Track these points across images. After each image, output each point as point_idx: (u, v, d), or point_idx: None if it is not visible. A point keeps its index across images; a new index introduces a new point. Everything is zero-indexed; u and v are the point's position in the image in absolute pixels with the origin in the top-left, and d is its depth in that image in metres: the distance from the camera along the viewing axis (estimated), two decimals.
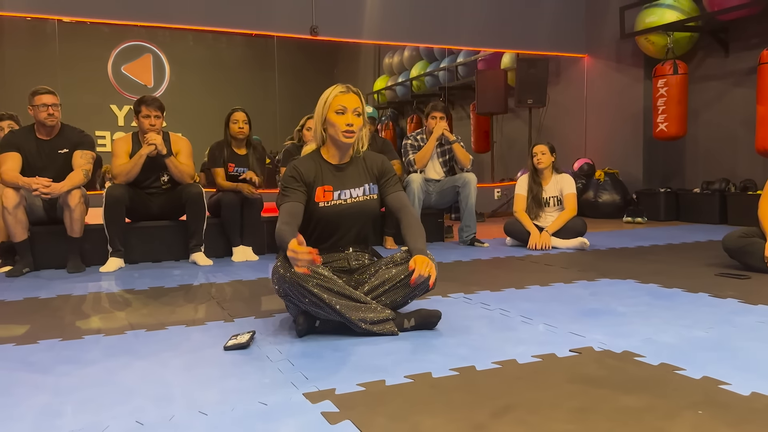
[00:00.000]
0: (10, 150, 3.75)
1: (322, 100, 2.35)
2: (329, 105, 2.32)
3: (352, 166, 2.42)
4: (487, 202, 7.45)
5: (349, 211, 2.37)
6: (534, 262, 3.90)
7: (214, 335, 2.27)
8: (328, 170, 2.38)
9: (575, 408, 1.51)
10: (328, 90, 2.35)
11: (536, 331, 2.23)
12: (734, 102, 6.27)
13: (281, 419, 1.48)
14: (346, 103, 2.31)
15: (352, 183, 2.40)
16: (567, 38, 7.64)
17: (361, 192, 2.40)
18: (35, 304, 2.90)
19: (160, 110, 4.00)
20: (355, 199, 2.39)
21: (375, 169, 2.45)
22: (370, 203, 2.42)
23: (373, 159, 2.47)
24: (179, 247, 4.25)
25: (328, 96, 2.33)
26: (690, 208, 6.40)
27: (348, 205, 2.37)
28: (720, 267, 3.50)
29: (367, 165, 2.45)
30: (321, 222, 2.36)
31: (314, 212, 2.35)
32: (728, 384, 1.65)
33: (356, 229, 2.42)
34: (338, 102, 2.31)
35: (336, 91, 2.33)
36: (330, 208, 2.35)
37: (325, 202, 2.35)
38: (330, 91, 2.34)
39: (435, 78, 9.67)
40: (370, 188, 2.43)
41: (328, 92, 2.34)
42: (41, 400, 1.64)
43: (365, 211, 2.41)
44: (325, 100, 2.34)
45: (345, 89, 2.33)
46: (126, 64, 8.99)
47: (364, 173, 2.43)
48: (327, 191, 2.35)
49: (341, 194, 2.37)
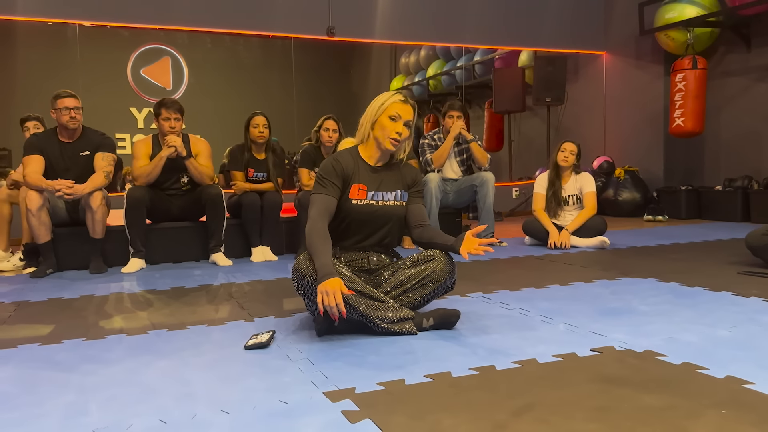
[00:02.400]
0: (33, 153, 3.82)
1: (379, 101, 2.36)
2: (385, 108, 2.33)
3: (388, 171, 2.43)
4: (505, 201, 7.42)
5: (379, 213, 2.38)
6: (553, 261, 3.88)
7: (234, 335, 2.29)
8: (365, 169, 2.39)
9: (596, 407, 1.50)
10: (387, 94, 2.37)
11: (556, 331, 2.22)
12: (757, 98, 6.18)
13: (302, 418, 1.49)
14: (401, 111, 2.33)
15: (386, 186, 2.41)
16: (585, 35, 7.58)
17: (393, 197, 2.42)
18: (59, 305, 2.95)
19: (180, 113, 4.04)
20: (387, 203, 2.40)
21: (409, 178, 2.47)
22: (399, 209, 2.43)
23: (409, 169, 2.50)
24: (199, 248, 4.29)
25: (386, 100, 2.35)
26: (712, 205, 6.32)
27: (379, 207, 2.38)
28: (743, 265, 3.45)
29: (402, 172, 2.47)
30: (349, 219, 2.37)
31: (345, 208, 2.35)
32: (752, 383, 1.62)
33: (382, 232, 2.42)
34: (395, 108, 2.33)
35: (395, 98, 2.35)
36: (361, 207, 2.36)
37: (359, 200, 2.36)
38: (389, 96, 2.36)
39: (452, 77, 9.64)
40: (401, 194, 2.44)
41: (387, 96, 2.36)
42: (66, 398, 1.67)
43: (394, 215, 2.42)
44: (382, 102, 2.35)
45: (404, 98, 2.36)
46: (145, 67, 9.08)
47: (399, 179, 2.45)
48: (362, 190, 2.36)
49: (374, 195, 2.38)
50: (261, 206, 4.28)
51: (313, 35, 6.49)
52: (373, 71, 11.08)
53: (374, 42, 7.13)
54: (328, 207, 2.29)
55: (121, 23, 5.94)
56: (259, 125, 4.36)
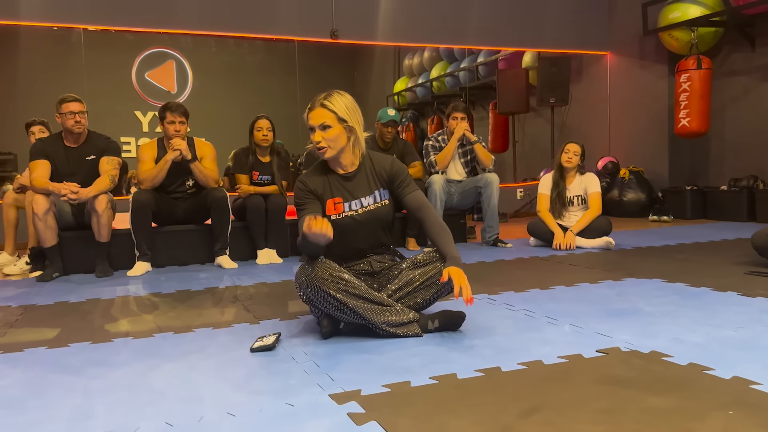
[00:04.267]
0: (39, 158, 3.84)
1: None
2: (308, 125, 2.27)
3: (359, 175, 2.35)
4: (509, 202, 7.42)
5: (362, 221, 2.32)
6: (558, 262, 3.87)
7: (240, 337, 2.30)
8: (336, 181, 2.33)
9: (602, 409, 1.49)
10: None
11: (562, 332, 2.21)
12: (762, 97, 6.16)
13: (308, 420, 1.49)
14: (312, 120, 2.24)
15: (361, 192, 2.34)
16: (589, 36, 7.57)
17: (372, 200, 2.34)
18: (65, 308, 2.96)
19: (185, 116, 4.06)
20: (367, 208, 2.33)
21: (384, 173, 2.37)
22: (382, 210, 2.36)
23: (381, 163, 2.39)
24: (204, 251, 4.30)
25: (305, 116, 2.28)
26: (717, 205, 6.30)
27: (360, 215, 2.32)
28: (749, 265, 3.44)
29: (376, 170, 2.37)
30: (335, 234, 2.25)
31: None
32: (759, 384, 1.62)
33: (372, 237, 2.37)
34: (307, 121, 2.26)
35: (307, 107, 2.26)
36: (342, 221, 2.30)
37: (337, 215, 2.30)
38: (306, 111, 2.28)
39: (455, 78, 9.64)
40: (380, 194, 2.36)
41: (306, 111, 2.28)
42: (73, 402, 1.68)
43: (378, 218, 2.35)
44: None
45: (311, 104, 2.25)
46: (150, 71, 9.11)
47: (373, 180, 2.36)
48: (337, 203, 2.30)
49: (351, 205, 2.32)
50: (266, 209, 4.29)
51: (317, 38, 6.50)
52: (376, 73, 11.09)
53: (377, 44, 7.14)
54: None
55: (125, 27, 5.96)
56: (262, 128, 4.37)
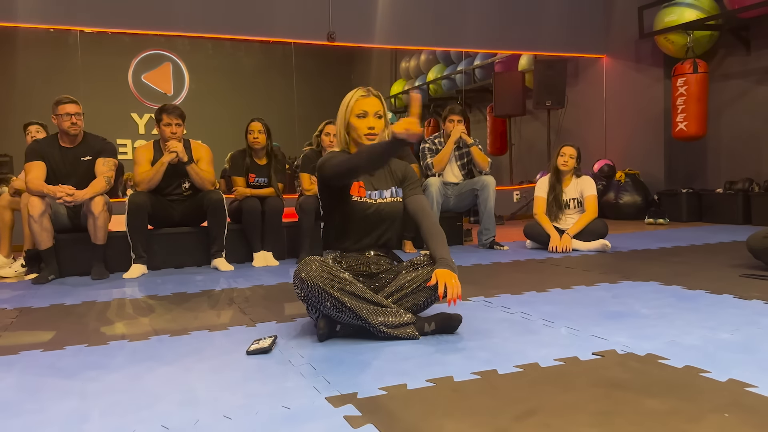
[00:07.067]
0: (35, 159, 3.83)
1: (344, 105, 2.36)
2: (351, 109, 2.34)
3: (381, 169, 2.44)
4: (506, 204, 7.43)
5: (377, 211, 2.37)
6: (555, 264, 3.88)
7: (236, 340, 2.29)
8: None
9: (599, 411, 1.50)
10: (350, 94, 2.37)
11: (558, 335, 2.22)
12: (757, 100, 6.19)
13: (305, 423, 1.49)
14: (366, 106, 2.32)
15: (380, 184, 2.41)
16: (585, 39, 7.59)
17: (389, 194, 2.41)
18: (61, 311, 2.95)
19: (181, 118, 4.06)
20: (384, 200, 2.40)
21: (399, 173, 2.47)
22: (395, 205, 2.42)
23: (397, 163, 2.49)
24: (201, 253, 4.29)
25: (350, 100, 2.35)
26: (713, 208, 6.32)
27: (377, 205, 2.38)
28: (744, 268, 3.45)
29: (392, 168, 2.47)
30: (349, 217, 2.36)
31: (345, 205, 2.34)
32: (755, 386, 1.62)
33: (381, 230, 2.40)
34: (359, 106, 2.33)
35: (357, 95, 2.34)
36: (361, 204, 2.35)
37: (359, 197, 2.36)
38: (351, 95, 2.36)
39: (452, 81, 9.66)
40: (395, 191, 2.44)
41: (350, 96, 2.36)
42: (69, 404, 1.67)
43: (392, 213, 2.41)
44: (346, 104, 2.35)
45: (366, 93, 2.35)
46: (146, 73, 9.11)
47: (390, 176, 2.45)
48: (361, 188, 2.37)
49: (371, 194, 2.38)
50: (262, 211, 4.29)
51: (314, 40, 6.50)
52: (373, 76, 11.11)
53: (374, 47, 7.15)
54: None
55: (122, 29, 5.96)
56: (254, 131, 4.38)
